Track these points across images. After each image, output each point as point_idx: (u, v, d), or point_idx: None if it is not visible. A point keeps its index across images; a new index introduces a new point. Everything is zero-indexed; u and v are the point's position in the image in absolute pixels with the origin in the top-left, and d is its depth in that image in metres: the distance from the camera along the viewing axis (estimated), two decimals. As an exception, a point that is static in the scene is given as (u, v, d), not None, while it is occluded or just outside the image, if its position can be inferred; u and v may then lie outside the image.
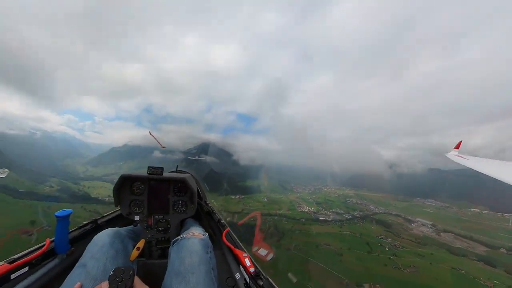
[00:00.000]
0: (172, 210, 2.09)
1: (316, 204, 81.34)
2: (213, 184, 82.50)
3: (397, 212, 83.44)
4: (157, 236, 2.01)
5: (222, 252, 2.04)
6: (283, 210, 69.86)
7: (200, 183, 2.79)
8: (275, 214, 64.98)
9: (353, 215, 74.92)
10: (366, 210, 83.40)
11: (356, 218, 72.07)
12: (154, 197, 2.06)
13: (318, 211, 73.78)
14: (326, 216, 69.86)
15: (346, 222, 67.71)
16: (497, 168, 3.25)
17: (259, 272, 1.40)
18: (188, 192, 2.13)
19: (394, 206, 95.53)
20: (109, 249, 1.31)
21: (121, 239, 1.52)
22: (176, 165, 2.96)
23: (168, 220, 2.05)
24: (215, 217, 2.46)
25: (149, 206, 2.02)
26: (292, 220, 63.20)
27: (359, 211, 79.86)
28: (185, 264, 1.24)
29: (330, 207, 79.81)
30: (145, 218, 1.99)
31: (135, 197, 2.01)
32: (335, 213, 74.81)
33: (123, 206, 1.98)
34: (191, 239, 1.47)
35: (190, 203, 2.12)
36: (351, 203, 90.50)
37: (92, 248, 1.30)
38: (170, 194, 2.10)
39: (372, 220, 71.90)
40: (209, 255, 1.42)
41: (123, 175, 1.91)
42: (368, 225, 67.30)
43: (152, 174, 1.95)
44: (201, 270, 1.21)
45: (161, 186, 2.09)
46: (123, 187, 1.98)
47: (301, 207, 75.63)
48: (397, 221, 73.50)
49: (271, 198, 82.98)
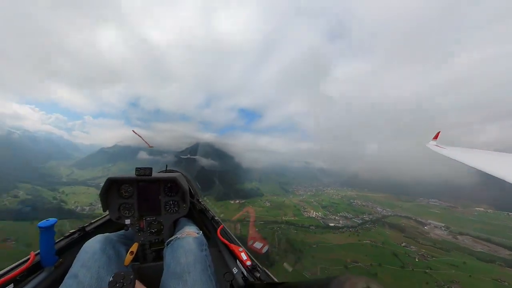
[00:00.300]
0: (164, 210, 2.01)
1: (322, 208, 76.32)
2: (211, 189, 75.07)
3: (406, 214, 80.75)
4: (150, 238, 1.93)
5: (218, 249, 1.95)
6: (289, 216, 63.79)
7: (191, 182, 2.71)
8: (281, 222, 58.68)
9: (363, 219, 70.36)
10: (375, 212, 79.77)
11: (367, 223, 67.47)
12: (144, 199, 1.98)
13: (326, 216, 68.47)
14: (336, 222, 64.56)
15: (360, 228, 62.72)
16: (471, 157, 3.34)
17: (256, 265, 1.41)
18: (179, 192, 2.07)
19: (400, 207, 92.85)
20: (101, 256, 1.24)
21: (113, 244, 1.44)
22: (166, 165, 2.85)
23: (160, 221, 1.98)
24: (209, 214, 2.37)
25: (139, 208, 1.94)
26: (301, 228, 57.39)
27: (367, 214, 75.78)
28: (181, 264, 1.21)
29: (337, 210, 75.17)
30: (136, 221, 1.91)
31: (124, 200, 1.93)
32: (343, 217, 69.99)
33: (112, 210, 1.90)
34: (185, 239, 1.43)
35: (182, 203, 2.05)
36: (357, 205, 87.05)
37: (82, 256, 1.21)
38: (161, 195, 2.02)
39: (384, 224, 67.29)
40: (205, 252, 1.39)
41: (109, 178, 1.81)
42: (381, 229, 62.63)
43: (140, 175, 1.86)
44: (197, 269, 1.19)
45: (151, 187, 2.01)
46: (111, 190, 1.90)
47: (307, 211, 70.09)
48: (409, 224, 69.87)
49: (273, 202, 76.87)
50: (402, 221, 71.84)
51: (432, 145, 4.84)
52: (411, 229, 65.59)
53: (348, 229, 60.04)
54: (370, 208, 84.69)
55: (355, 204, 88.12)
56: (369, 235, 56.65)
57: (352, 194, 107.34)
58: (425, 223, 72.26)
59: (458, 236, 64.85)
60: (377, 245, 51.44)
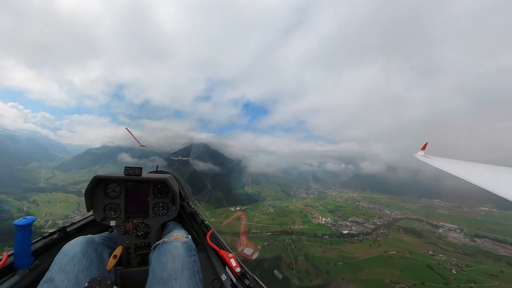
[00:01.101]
0: (152, 213, 1.93)
1: (329, 212, 70.57)
2: (208, 194, 67.30)
3: (415, 216, 76.63)
4: (136, 241, 1.85)
5: (207, 254, 1.87)
6: (298, 224, 57.28)
7: (182, 184, 2.62)
8: (291, 232, 51.83)
9: (375, 223, 65.15)
10: (384, 215, 74.93)
11: (380, 227, 62.32)
12: (132, 199, 1.89)
13: (336, 222, 62.70)
14: (348, 228, 58.87)
15: (376, 234, 57.20)
16: (455, 167, 3.59)
17: (245, 272, 1.38)
18: (169, 194, 2.00)
19: (407, 209, 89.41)
20: (81, 260, 1.15)
21: (95, 247, 1.34)
22: (157, 165, 2.70)
23: (147, 224, 1.89)
24: (199, 218, 2.26)
25: (126, 209, 1.85)
26: (314, 238, 50.98)
27: (378, 218, 70.82)
28: (167, 269, 1.15)
29: (346, 215, 69.80)
30: (122, 222, 1.81)
31: (111, 200, 1.83)
32: (354, 222, 64.46)
33: (97, 210, 1.79)
34: (173, 243, 1.37)
35: (172, 205, 1.98)
36: (364, 208, 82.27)
37: (60, 259, 1.12)
38: (149, 196, 1.95)
39: (398, 229, 62.29)
40: (193, 258, 1.33)
41: (96, 176, 1.72)
42: (398, 235, 57.66)
43: (129, 175, 1.78)
44: (184, 275, 1.13)
45: (140, 187, 1.93)
46: (97, 189, 1.80)
47: (315, 217, 63.90)
48: (424, 228, 65.43)
49: (277, 207, 70.22)
50: (416, 225, 67.35)
51: (420, 156, 5.16)
52: (427, 233, 61.16)
53: (365, 237, 54.37)
54: (378, 211, 79.97)
55: (362, 207, 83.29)
56: (391, 243, 51.09)
57: (355, 196, 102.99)
58: (437, 225, 68.16)
59: (476, 239, 60.98)
60: (406, 256, 45.87)
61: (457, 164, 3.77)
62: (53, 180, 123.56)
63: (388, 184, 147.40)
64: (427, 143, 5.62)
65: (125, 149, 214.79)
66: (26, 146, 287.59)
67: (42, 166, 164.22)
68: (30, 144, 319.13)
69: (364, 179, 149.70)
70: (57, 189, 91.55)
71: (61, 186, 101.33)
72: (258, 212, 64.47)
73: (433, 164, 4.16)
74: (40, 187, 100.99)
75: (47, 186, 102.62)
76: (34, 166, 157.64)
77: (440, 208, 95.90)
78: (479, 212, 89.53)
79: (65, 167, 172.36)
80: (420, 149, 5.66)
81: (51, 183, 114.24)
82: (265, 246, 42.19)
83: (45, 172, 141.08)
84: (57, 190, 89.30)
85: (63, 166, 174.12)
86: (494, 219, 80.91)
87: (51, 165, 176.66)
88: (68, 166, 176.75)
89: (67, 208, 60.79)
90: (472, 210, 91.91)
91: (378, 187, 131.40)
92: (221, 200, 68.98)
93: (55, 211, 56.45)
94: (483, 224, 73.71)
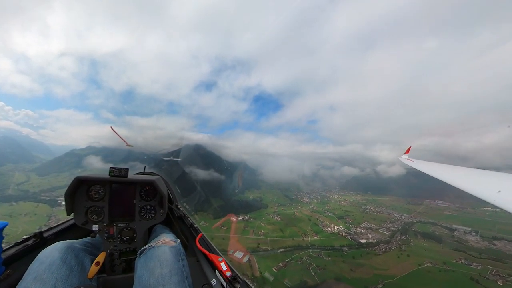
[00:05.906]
0: (139, 216, 1.82)
1: (339, 218, 64.64)
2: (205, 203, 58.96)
3: (426, 219, 72.71)
4: (120, 247, 1.72)
5: (197, 259, 1.81)
6: (310, 234, 50.49)
7: (170, 186, 2.50)
8: (306, 246, 44.59)
9: (389, 229, 60.07)
10: (394, 219, 70.21)
11: (395, 233, 57.06)
12: (117, 202, 1.77)
13: (350, 229, 56.82)
14: (365, 236, 53.11)
15: (398, 242, 51.53)
16: (437, 170, 3.76)
17: (236, 276, 1.34)
18: (157, 196, 1.89)
19: (415, 211, 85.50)
20: (60, 267, 1.04)
21: (76, 253, 1.24)
22: (144, 166, 2.57)
23: (133, 228, 1.78)
24: (188, 221, 2.19)
25: (110, 213, 1.73)
26: (333, 252, 44.46)
27: (390, 222, 65.86)
28: (154, 276, 1.08)
29: (356, 220, 64.30)
30: (105, 227, 1.69)
31: (93, 203, 1.70)
32: (368, 229, 58.90)
33: (78, 214, 1.65)
34: (161, 247, 1.31)
35: (160, 208, 1.87)
36: (372, 212, 77.30)
37: (36, 267, 1.01)
38: (136, 199, 1.83)
39: (416, 234, 57.37)
40: (182, 263, 1.27)
41: (78, 177, 1.59)
42: (416, 241, 52.48)
43: (115, 176, 1.66)
44: (173, 281, 1.07)
45: (126, 189, 1.82)
46: (79, 191, 1.67)
47: (326, 226, 57.67)
48: (441, 232, 61.02)
49: (283, 215, 63.30)
50: (432, 229, 62.89)
51: (404, 159, 5.52)
52: (446, 238, 56.75)
53: (387, 246, 48.75)
54: (387, 214, 75.29)
55: (369, 210, 78.34)
56: (417, 252, 45.60)
57: (359, 199, 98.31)
58: (451, 228, 64.50)
59: (495, 241, 58.13)
60: (443, 269, 40.52)
61: (437, 167, 4.01)
62: (24, 186, 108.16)
63: (388, 185, 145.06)
64: (411, 147, 5.96)
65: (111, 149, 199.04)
66: (1, 145, 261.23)
67: (17, 169, 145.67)
68: (6, 143, 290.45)
69: (364, 181, 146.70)
70: (26, 198, 78.87)
71: (33, 194, 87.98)
72: (263, 222, 56.97)
73: (416, 166, 4.44)
74: (7, 195, 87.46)
75: (16, 194, 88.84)
76: (8, 169, 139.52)
77: (446, 210, 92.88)
78: (484, 213, 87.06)
79: (43, 169, 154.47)
80: (404, 153, 6.03)
81: (22, 189, 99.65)
82: (281, 268, 34.70)
83: (18, 176, 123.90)
84: (27, 198, 76.83)
85: (41, 169, 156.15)
86: (501, 219, 78.46)
87: (28, 167, 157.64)
88: (47, 169, 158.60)
89: (32, 223, 50.10)
90: (476, 211, 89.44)
91: (379, 189, 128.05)
92: (220, 209, 60.92)
93: (15, 228, 45.48)
94: (493, 225, 70.45)
